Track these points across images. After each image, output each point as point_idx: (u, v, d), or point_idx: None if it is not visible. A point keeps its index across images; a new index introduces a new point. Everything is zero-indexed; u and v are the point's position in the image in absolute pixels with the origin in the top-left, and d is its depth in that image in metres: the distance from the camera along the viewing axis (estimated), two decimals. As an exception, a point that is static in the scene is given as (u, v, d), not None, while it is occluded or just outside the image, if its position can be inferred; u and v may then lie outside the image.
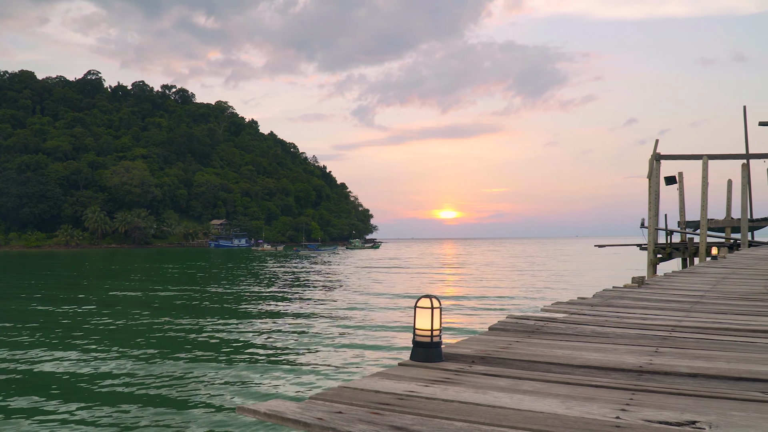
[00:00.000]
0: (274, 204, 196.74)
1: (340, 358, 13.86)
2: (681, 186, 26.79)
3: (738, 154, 25.17)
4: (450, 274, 48.75)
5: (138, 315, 21.83)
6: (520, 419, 2.58)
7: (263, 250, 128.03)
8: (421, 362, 3.62)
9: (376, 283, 38.03)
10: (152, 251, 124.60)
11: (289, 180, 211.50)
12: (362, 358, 13.93)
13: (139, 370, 12.67)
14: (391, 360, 13.49)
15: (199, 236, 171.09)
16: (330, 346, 15.36)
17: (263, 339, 16.62)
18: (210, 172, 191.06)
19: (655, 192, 24.59)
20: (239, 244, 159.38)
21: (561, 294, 27.24)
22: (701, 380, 3.39)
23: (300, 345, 15.63)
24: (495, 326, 5.11)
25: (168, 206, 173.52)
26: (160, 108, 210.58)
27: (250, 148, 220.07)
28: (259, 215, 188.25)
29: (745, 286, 9.33)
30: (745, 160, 24.66)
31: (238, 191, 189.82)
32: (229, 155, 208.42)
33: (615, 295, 7.74)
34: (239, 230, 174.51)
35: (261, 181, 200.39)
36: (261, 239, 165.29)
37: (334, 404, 2.76)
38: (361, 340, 16.22)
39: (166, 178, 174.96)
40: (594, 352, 4.11)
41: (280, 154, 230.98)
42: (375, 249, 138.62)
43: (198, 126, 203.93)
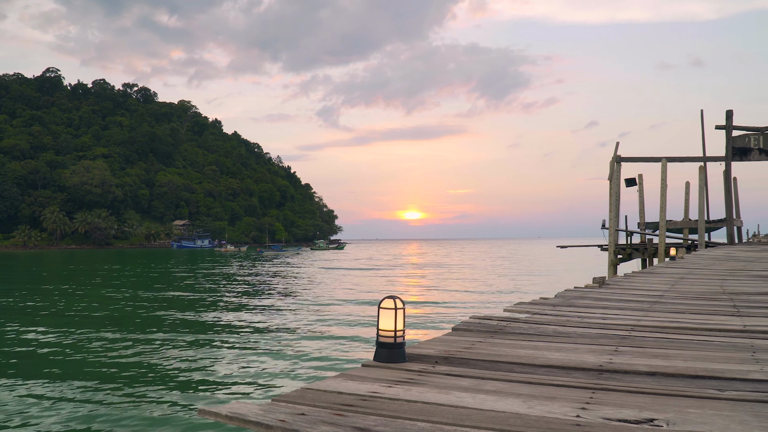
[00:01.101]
0: (237, 204, 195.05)
1: (304, 359, 13.80)
2: (641, 188, 27.25)
3: (695, 157, 25.70)
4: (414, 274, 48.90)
5: (96, 317, 21.47)
6: (482, 419, 2.60)
7: (226, 251, 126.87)
8: (385, 363, 3.62)
9: (340, 284, 37.97)
10: (113, 252, 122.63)
11: (253, 180, 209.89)
12: (326, 359, 13.89)
13: (98, 372, 12.45)
14: (354, 361, 13.47)
15: (161, 237, 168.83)
16: (293, 348, 15.29)
17: (225, 341, 16.47)
18: (172, 172, 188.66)
19: (615, 194, 24.98)
20: (202, 245, 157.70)
21: (523, 294, 27.51)
22: (659, 378, 3.44)
23: (263, 346, 15.53)
24: (458, 327, 5.13)
25: (129, 206, 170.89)
26: (122, 107, 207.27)
27: (214, 148, 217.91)
28: (222, 216, 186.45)
29: (702, 285, 9.52)
30: (702, 163, 25.19)
31: (201, 191, 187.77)
32: (192, 155, 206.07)
33: (576, 296, 7.84)
34: (202, 231, 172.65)
35: (224, 182, 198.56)
36: (224, 240, 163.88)
37: (297, 406, 2.74)
38: (324, 341, 16.18)
39: (127, 178, 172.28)
40: (555, 352, 4.16)
41: (244, 154, 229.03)
42: (340, 250, 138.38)
43: (160, 125, 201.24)
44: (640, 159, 25.67)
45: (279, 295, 29.98)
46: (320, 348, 15.23)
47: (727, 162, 25.16)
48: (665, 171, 23.85)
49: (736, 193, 28.65)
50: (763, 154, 24.47)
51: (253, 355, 14.41)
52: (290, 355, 14.35)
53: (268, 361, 13.68)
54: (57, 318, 21.22)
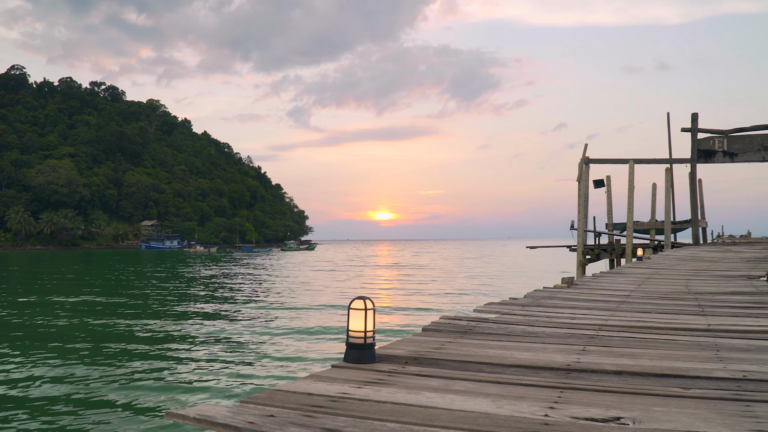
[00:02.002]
0: (207, 205, 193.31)
1: (273, 361, 13.73)
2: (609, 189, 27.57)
3: (662, 159, 26.10)
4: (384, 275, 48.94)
5: (63, 320, 21.14)
6: (451, 419, 2.61)
7: (196, 251, 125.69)
8: (355, 364, 3.61)
9: (310, 284, 37.86)
10: (80, 253, 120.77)
11: (223, 180, 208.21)
12: (295, 360, 13.84)
13: (62, 375, 12.25)
14: (324, 362, 13.43)
15: (129, 238, 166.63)
16: (263, 349, 15.20)
17: (193, 342, 16.32)
18: (141, 171, 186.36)
19: (584, 195, 25.26)
20: (171, 245, 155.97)
21: (493, 295, 27.68)
22: (626, 377, 3.49)
23: (232, 348, 15.42)
24: (428, 327, 5.15)
25: (97, 207, 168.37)
26: (89, 105, 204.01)
27: (183, 148, 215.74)
28: (191, 216, 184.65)
29: (667, 285, 9.67)
30: (668, 165, 25.58)
31: (170, 192, 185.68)
32: (161, 155, 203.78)
33: (545, 296, 7.91)
34: (171, 231, 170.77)
35: (194, 182, 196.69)
36: (194, 241, 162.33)
37: (266, 407, 2.73)
38: (294, 342, 16.11)
39: (94, 177, 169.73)
40: (524, 352, 4.19)
41: (214, 154, 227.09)
42: (310, 250, 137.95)
43: (129, 124, 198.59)
44: (608, 161, 25.99)
45: (248, 297, 29.79)
46: (290, 349, 15.17)
47: (693, 164, 25.59)
48: (633, 173, 24.18)
49: (701, 194, 29.15)
50: (727, 156, 24.94)
51: (222, 356, 14.30)
52: (259, 356, 14.27)
53: (237, 362, 13.58)
54: (18, 323, 20.86)
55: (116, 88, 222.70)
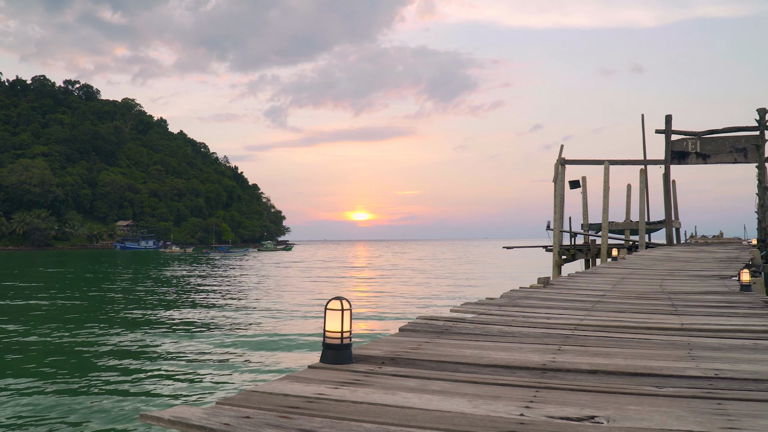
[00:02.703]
0: (183, 205, 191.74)
1: (249, 362, 13.66)
2: (584, 190, 27.83)
3: (636, 160, 26.37)
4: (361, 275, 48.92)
5: (33, 322, 20.86)
6: (428, 419, 2.61)
7: (172, 252, 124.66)
8: (331, 364, 3.61)
9: (286, 285, 37.74)
10: (53, 254, 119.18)
11: (199, 180, 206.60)
12: (272, 361, 13.78)
13: (36, 377, 12.09)
14: (301, 363, 13.40)
15: (104, 238, 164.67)
16: (239, 350, 15.12)
17: (168, 344, 16.19)
18: (116, 171, 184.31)
19: (560, 195, 25.45)
20: (146, 246, 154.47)
21: (470, 294, 27.79)
22: (600, 376, 3.52)
23: (207, 349, 15.31)
24: (405, 327, 5.16)
25: (71, 207, 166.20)
26: (63, 104, 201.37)
27: (159, 148, 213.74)
28: (167, 216, 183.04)
29: (642, 285, 9.77)
30: (643, 166, 25.86)
31: (145, 191, 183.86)
32: (136, 154, 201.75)
33: (522, 296, 7.96)
34: (147, 232, 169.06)
35: (170, 182, 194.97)
36: (169, 241, 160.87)
37: (242, 409, 2.71)
38: (270, 343, 16.05)
39: (68, 177, 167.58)
40: (501, 351, 4.21)
41: (190, 153, 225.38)
42: (287, 251, 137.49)
43: (103, 123, 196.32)
44: (583, 162, 26.21)
45: (224, 297, 29.62)
46: (266, 350, 15.10)
47: (667, 165, 25.89)
48: (608, 174, 24.42)
49: (675, 195, 29.52)
50: (699, 157, 25.27)
51: (197, 358, 14.20)
52: (235, 357, 14.19)
53: (213, 363, 13.49)
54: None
55: (91, 86, 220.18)
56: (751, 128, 24.53)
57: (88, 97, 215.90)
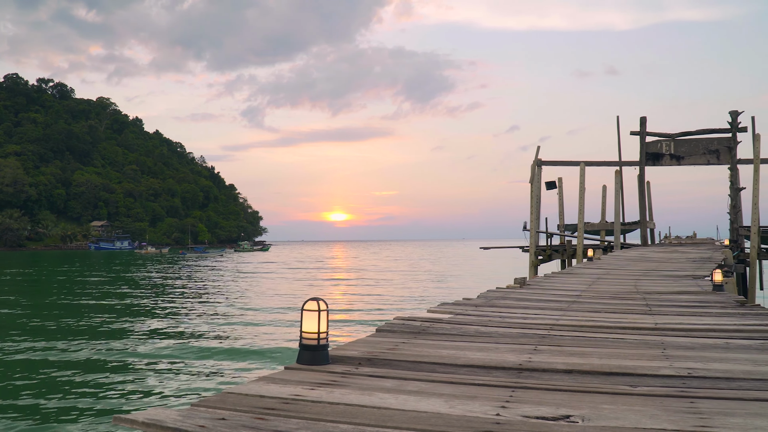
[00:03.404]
0: (159, 205, 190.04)
1: (225, 363, 13.58)
2: (560, 191, 28.01)
3: (612, 161, 26.61)
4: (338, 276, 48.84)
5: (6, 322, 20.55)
6: (404, 419, 2.61)
7: (147, 252, 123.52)
8: (308, 365, 3.59)
9: (263, 286, 37.57)
10: (25, 254, 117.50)
11: (175, 180, 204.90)
12: (248, 362, 13.71)
13: (8, 379, 11.91)
14: (277, 364, 13.34)
15: (78, 238, 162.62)
16: (214, 351, 15.02)
17: (143, 345, 16.04)
18: (90, 171, 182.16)
19: (536, 196, 25.60)
20: (121, 246, 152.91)
21: (447, 295, 27.86)
22: (576, 376, 3.55)
23: (182, 350, 15.20)
24: (382, 328, 5.15)
25: (44, 207, 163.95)
26: (36, 103, 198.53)
27: (134, 147, 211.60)
28: (143, 217, 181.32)
29: (617, 285, 9.86)
30: (618, 167, 26.09)
31: (120, 191, 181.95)
32: (111, 154, 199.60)
33: (498, 296, 7.99)
34: (122, 232, 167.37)
35: (145, 182, 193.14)
36: (145, 242, 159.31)
37: (218, 410, 2.69)
38: (247, 345, 15.96)
39: (41, 177, 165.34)
40: (477, 352, 4.22)
41: (166, 153, 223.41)
42: (264, 251, 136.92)
43: (78, 123, 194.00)
44: (559, 163, 26.38)
45: (200, 298, 29.41)
46: (242, 351, 15.02)
47: (641, 167, 26.14)
48: (584, 175, 24.61)
49: (650, 196, 29.83)
50: (673, 159, 25.56)
51: (173, 359, 14.08)
52: (211, 359, 14.10)
53: (188, 365, 13.39)
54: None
55: (65, 85, 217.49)
56: (723, 130, 24.86)
57: (62, 96, 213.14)
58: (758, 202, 20.60)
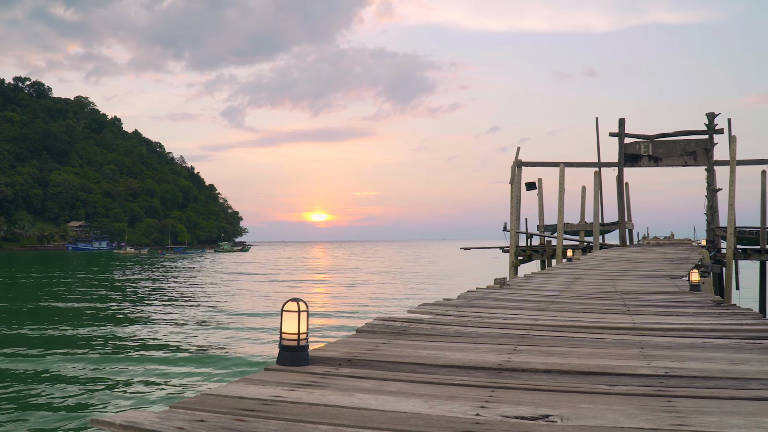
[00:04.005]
0: (138, 205, 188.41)
1: (204, 365, 13.51)
2: (540, 191, 28.15)
3: (591, 162, 26.82)
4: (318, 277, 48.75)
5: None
6: (384, 420, 2.61)
7: (126, 253, 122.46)
8: (288, 366, 3.58)
9: (243, 287, 37.40)
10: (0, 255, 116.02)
11: (154, 180, 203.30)
12: (227, 363, 13.64)
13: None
14: (257, 365, 13.29)
15: (55, 239, 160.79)
16: (194, 353, 14.93)
17: (121, 347, 15.90)
18: (68, 171, 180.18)
19: (516, 197, 25.73)
20: (100, 247, 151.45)
21: (427, 295, 27.91)
22: (555, 375, 3.57)
23: (162, 352, 15.09)
24: (362, 328, 5.15)
25: (20, 207, 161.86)
26: (12, 101, 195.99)
27: (113, 147, 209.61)
28: (121, 217, 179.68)
29: (596, 285, 9.94)
30: (597, 168, 26.30)
31: (99, 192, 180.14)
32: (89, 154, 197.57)
33: (478, 296, 8.02)
34: (100, 232, 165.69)
35: (124, 182, 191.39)
36: (123, 242, 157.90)
37: (196, 412, 2.67)
38: (226, 346, 15.88)
39: (18, 176, 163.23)
40: (457, 352, 4.23)
41: (145, 153, 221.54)
42: (245, 252, 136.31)
43: (55, 122, 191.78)
44: (539, 164, 26.54)
45: (179, 299, 29.21)
46: (222, 352, 14.95)
47: (620, 168, 26.36)
48: (563, 175, 24.77)
49: (628, 197, 30.09)
50: (651, 160, 25.81)
51: (151, 361, 13.97)
52: (190, 360, 14.01)
53: (167, 367, 13.30)
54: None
55: (42, 84, 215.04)
56: (700, 132, 25.15)
57: (39, 95, 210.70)
58: (734, 203, 20.86)
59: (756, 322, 5.75)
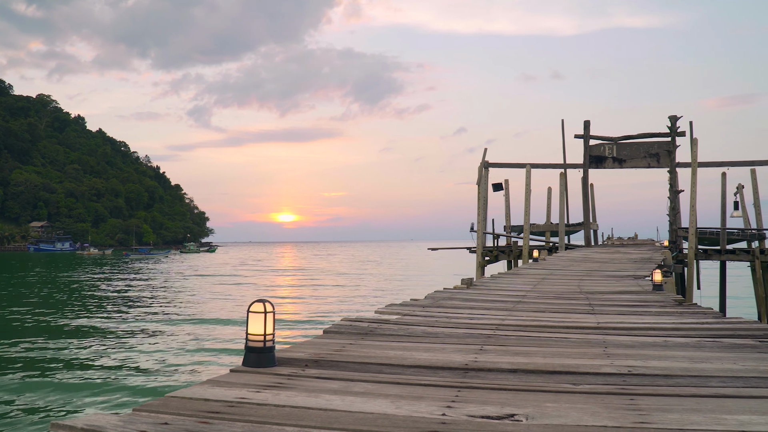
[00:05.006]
0: (102, 205, 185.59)
1: (170, 367, 13.35)
2: (507, 192, 28.38)
3: (556, 164, 27.10)
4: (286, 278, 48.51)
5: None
6: (351, 421, 2.61)
7: (90, 254, 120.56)
8: (254, 368, 3.55)
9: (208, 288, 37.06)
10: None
11: (119, 180, 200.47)
12: (193, 366, 13.50)
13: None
14: (223, 367, 13.17)
15: (16, 240, 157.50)
16: (158, 355, 14.75)
17: (84, 349, 15.64)
18: (30, 170, 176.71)
19: (483, 198, 25.87)
20: (62, 248, 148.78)
21: (395, 296, 27.94)
22: (520, 375, 3.59)
23: (125, 354, 14.87)
24: (329, 329, 5.14)
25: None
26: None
27: (77, 146, 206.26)
28: (85, 217, 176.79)
29: (561, 285, 10.05)
30: (562, 170, 26.59)
31: (62, 191, 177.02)
32: (52, 153, 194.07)
33: (445, 296, 8.05)
34: (63, 233, 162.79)
35: (88, 181, 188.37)
36: (87, 243, 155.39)
37: (160, 415, 2.64)
38: (192, 348, 15.72)
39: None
40: (424, 352, 4.24)
41: (110, 152, 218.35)
42: (211, 253, 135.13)
43: (16, 120, 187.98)
44: (506, 165, 26.73)
45: (143, 301, 28.83)
46: (187, 354, 14.79)
47: (585, 169, 26.68)
48: (529, 177, 25.00)
49: (593, 198, 30.48)
50: (616, 162, 26.16)
51: (115, 363, 13.77)
52: (155, 362, 13.84)
53: (131, 369, 13.12)
54: None
55: (3, 81, 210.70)
56: (663, 134, 25.56)
57: (0, 93, 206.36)
58: (696, 204, 21.25)
59: (716, 321, 5.87)
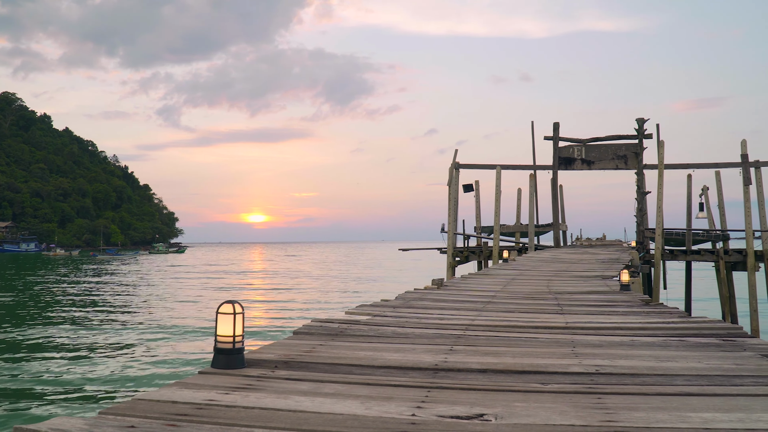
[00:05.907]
0: (68, 206, 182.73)
1: (137, 370, 13.19)
2: (477, 193, 28.54)
3: (526, 165, 27.31)
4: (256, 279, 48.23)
5: None
6: (320, 422, 2.60)
7: (56, 255, 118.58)
8: (223, 369, 3.53)
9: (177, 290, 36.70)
10: None
11: (86, 180, 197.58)
12: (161, 367, 13.36)
13: None
14: (192, 369, 13.06)
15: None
16: (125, 357, 14.56)
17: (48, 350, 15.38)
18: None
19: (454, 199, 25.98)
20: (28, 248, 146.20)
21: (365, 296, 27.94)
22: (490, 375, 3.62)
23: (90, 356, 14.66)
24: (299, 330, 5.12)
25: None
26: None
27: (42, 145, 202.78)
28: (51, 217, 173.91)
29: (530, 286, 10.13)
30: (532, 171, 26.82)
31: (27, 191, 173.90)
32: (16, 152, 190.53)
33: (416, 297, 8.07)
34: (28, 233, 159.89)
35: (54, 181, 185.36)
36: (53, 243, 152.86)
37: (127, 418, 2.60)
38: (160, 350, 15.55)
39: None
40: (394, 353, 4.25)
41: (77, 152, 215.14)
42: (180, 254, 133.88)
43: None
44: (477, 166, 26.87)
45: (109, 303, 28.45)
46: (155, 357, 14.63)
47: (554, 170, 26.93)
48: (500, 178, 25.17)
49: (562, 199, 30.78)
50: (584, 164, 26.45)
51: (80, 365, 13.56)
52: (121, 365, 13.66)
53: (97, 372, 12.93)
54: None
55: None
56: (631, 137, 25.90)
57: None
58: (662, 205, 21.57)
59: (681, 320, 5.96)
